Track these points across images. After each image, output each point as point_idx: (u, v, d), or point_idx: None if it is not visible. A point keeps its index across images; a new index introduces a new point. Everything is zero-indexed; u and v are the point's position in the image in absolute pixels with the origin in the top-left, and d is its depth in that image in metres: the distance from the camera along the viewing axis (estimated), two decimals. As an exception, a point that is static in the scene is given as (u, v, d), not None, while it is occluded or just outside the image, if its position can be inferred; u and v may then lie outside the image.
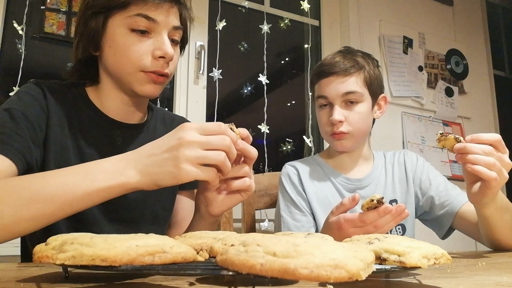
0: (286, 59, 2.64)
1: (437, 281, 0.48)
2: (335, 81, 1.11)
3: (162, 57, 0.80)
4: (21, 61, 1.69)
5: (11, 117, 0.75)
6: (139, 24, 0.79)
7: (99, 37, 0.81)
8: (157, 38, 0.80)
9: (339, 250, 0.33)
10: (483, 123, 2.90)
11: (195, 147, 0.61)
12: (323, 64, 1.15)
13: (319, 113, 1.16)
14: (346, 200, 0.82)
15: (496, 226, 0.90)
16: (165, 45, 0.80)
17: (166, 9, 0.81)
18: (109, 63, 0.82)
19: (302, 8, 2.45)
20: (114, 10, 0.79)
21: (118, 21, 0.80)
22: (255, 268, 0.32)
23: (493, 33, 3.19)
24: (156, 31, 0.80)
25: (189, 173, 0.60)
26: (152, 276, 0.47)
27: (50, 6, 1.81)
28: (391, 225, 0.75)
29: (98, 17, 0.80)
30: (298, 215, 1.11)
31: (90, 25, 0.81)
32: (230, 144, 0.63)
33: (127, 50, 0.79)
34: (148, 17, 0.79)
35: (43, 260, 0.39)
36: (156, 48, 0.79)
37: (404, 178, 1.21)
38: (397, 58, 2.57)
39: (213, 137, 0.62)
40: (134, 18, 0.78)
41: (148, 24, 0.79)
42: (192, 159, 0.60)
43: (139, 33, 0.79)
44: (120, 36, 0.79)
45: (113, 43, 0.80)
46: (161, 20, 0.80)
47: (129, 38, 0.79)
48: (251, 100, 2.31)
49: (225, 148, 0.63)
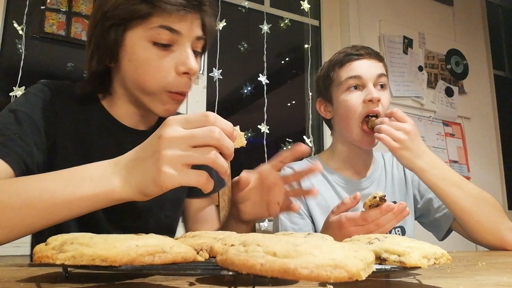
0: (286, 59, 2.64)
1: (437, 281, 0.48)
2: (368, 63, 1.12)
3: (186, 73, 0.75)
4: (21, 61, 1.69)
5: (16, 120, 0.72)
6: (162, 37, 0.73)
7: (117, 49, 0.76)
8: (180, 51, 0.75)
9: (339, 250, 0.33)
10: (483, 123, 2.91)
11: (177, 145, 0.52)
12: (353, 48, 1.15)
13: (347, 96, 1.11)
14: (347, 199, 0.82)
15: (449, 199, 0.98)
16: (189, 59, 0.74)
17: (190, 21, 0.75)
18: (130, 78, 0.77)
19: (302, 8, 2.45)
20: (134, 21, 0.73)
21: (139, 33, 0.74)
22: (255, 268, 0.32)
23: (493, 33, 3.19)
24: (179, 44, 0.75)
25: (171, 178, 0.51)
26: (152, 276, 0.47)
27: (50, 6, 1.81)
28: (392, 223, 0.75)
29: (117, 28, 0.74)
30: (296, 217, 1.10)
31: (109, 37, 0.75)
32: (221, 136, 0.52)
33: (150, 66, 0.74)
34: (172, 29, 0.73)
35: (43, 260, 0.39)
36: (179, 63, 0.74)
37: (403, 180, 1.21)
38: (397, 58, 2.57)
39: (198, 130, 0.52)
40: (157, 30, 0.73)
41: (171, 36, 0.73)
42: (174, 160, 0.51)
43: (161, 47, 0.74)
44: (141, 50, 0.74)
45: (132, 57, 0.75)
46: (185, 32, 0.74)
47: (151, 52, 0.74)
48: (251, 100, 2.31)
49: (213, 142, 0.52)
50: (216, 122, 0.53)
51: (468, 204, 0.97)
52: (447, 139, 2.67)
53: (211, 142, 0.52)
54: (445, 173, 1.00)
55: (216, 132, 0.52)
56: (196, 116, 0.53)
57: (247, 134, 2.24)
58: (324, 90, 1.18)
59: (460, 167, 2.67)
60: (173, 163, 0.51)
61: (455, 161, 2.67)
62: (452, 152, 2.67)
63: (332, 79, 1.15)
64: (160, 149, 0.52)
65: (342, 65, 1.14)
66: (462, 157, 2.71)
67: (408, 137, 1.00)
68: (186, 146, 0.52)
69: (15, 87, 1.67)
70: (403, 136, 0.99)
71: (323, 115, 1.22)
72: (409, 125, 1.01)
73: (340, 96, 1.13)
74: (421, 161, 1.00)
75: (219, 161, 0.53)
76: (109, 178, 0.56)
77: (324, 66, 1.20)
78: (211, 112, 0.54)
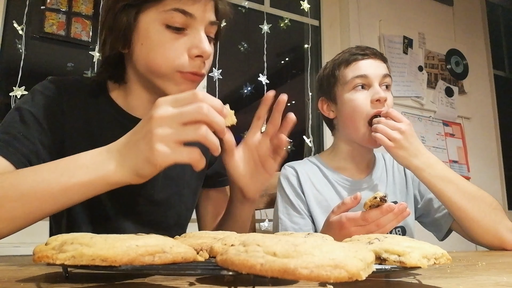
0: (286, 59, 2.64)
1: (437, 281, 0.48)
2: (374, 63, 1.13)
3: (199, 56, 0.74)
4: (21, 61, 1.69)
5: (21, 119, 0.72)
6: (176, 20, 0.72)
7: (130, 33, 0.74)
8: (194, 35, 0.74)
9: (339, 250, 0.33)
10: (483, 123, 2.91)
11: (168, 123, 0.53)
12: (358, 48, 1.16)
13: (353, 95, 1.10)
14: (347, 199, 0.82)
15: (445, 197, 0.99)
16: (202, 42, 0.73)
17: (204, 4, 0.74)
18: (142, 62, 0.76)
19: (302, 8, 2.45)
20: (148, 3, 0.72)
21: (152, 16, 0.73)
22: (255, 268, 0.32)
23: (493, 33, 3.19)
24: (193, 27, 0.74)
25: (164, 155, 0.53)
26: (152, 276, 0.47)
27: (50, 6, 1.82)
28: (393, 224, 0.75)
29: (130, 10, 0.73)
30: (296, 217, 1.10)
31: (121, 19, 0.73)
32: (209, 112, 0.53)
33: (162, 48, 0.73)
34: (185, 12, 0.72)
35: (43, 260, 0.39)
36: (193, 46, 0.73)
37: (404, 180, 1.21)
38: (397, 58, 2.57)
39: (187, 107, 0.53)
40: (170, 13, 0.72)
41: (184, 19, 0.72)
42: (166, 138, 0.53)
43: (175, 30, 0.73)
44: (155, 33, 0.73)
45: (146, 41, 0.74)
46: (198, 14, 0.73)
47: (164, 35, 0.73)
48: (251, 100, 2.31)
49: (203, 117, 0.53)
50: (205, 99, 0.54)
51: (465, 202, 0.97)
52: (447, 139, 2.68)
53: (200, 118, 0.53)
54: (441, 172, 1.00)
55: (205, 107, 0.53)
56: (185, 94, 0.55)
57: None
58: (328, 89, 1.18)
59: (460, 167, 2.67)
60: (165, 141, 0.53)
61: (455, 161, 2.67)
62: (452, 152, 2.67)
63: (337, 78, 1.15)
64: (151, 128, 0.53)
65: (348, 64, 1.13)
66: (462, 157, 2.71)
67: (403, 137, 1.01)
68: (176, 124, 0.53)
69: (15, 87, 1.67)
70: (398, 136, 1.01)
71: (325, 114, 1.21)
72: (405, 125, 1.02)
73: (346, 95, 1.12)
74: (417, 160, 1.00)
75: (210, 137, 0.54)
76: (103, 163, 0.57)
77: (328, 65, 1.19)
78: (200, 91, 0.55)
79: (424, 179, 1.01)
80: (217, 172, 0.99)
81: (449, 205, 1.00)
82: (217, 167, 0.99)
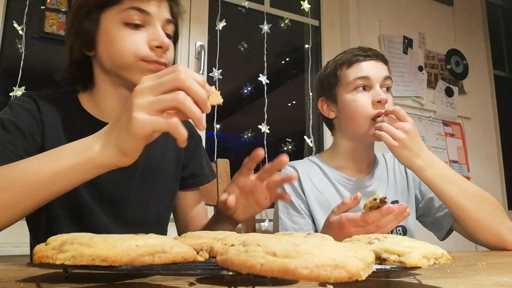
0: (286, 59, 2.64)
1: (437, 281, 0.48)
2: (376, 64, 1.14)
3: (159, 47, 0.79)
4: (21, 61, 1.69)
5: (3, 127, 0.75)
6: (133, 17, 0.78)
7: (94, 35, 0.80)
8: (151, 30, 0.79)
9: (339, 250, 0.33)
10: (483, 123, 2.91)
11: (147, 93, 0.54)
12: (360, 49, 1.16)
13: (355, 96, 1.11)
14: (347, 200, 0.82)
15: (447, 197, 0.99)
16: (160, 35, 0.79)
17: (158, 3, 0.81)
18: (106, 59, 0.81)
19: (302, 8, 2.45)
20: (106, 6, 0.79)
21: (111, 17, 0.79)
22: (255, 268, 0.32)
23: (493, 33, 3.19)
24: (150, 23, 0.80)
25: (142, 122, 0.53)
26: (152, 276, 0.47)
27: (50, 6, 1.81)
28: (393, 224, 0.76)
29: (92, 14, 0.80)
30: (297, 217, 1.10)
31: (84, 24, 0.80)
32: (187, 79, 0.54)
33: (123, 42, 0.78)
34: (141, 10, 0.78)
35: (43, 260, 0.39)
36: (151, 38, 0.78)
37: (405, 180, 1.21)
38: (397, 58, 2.57)
39: (166, 77, 0.55)
40: (128, 11, 0.78)
41: (141, 17, 0.78)
42: (144, 105, 0.53)
43: (133, 27, 0.78)
44: (114, 31, 0.79)
45: (107, 39, 0.79)
46: (153, 12, 0.79)
47: (123, 31, 0.78)
48: (251, 100, 2.31)
49: (179, 84, 0.53)
50: (185, 70, 0.55)
51: (466, 202, 0.98)
52: (447, 139, 2.68)
53: (177, 84, 0.54)
54: (443, 172, 1.00)
55: (182, 74, 0.54)
56: (167, 69, 0.57)
57: (247, 134, 2.24)
58: (329, 89, 1.17)
59: (460, 167, 2.67)
60: (144, 109, 0.53)
61: (455, 161, 2.67)
62: (452, 152, 2.67)
63: (338, 78, 1.15)
64: (131, 101, 0.54)
65: (350, 65, 1.13)
66: (462, 157, 2.71)
67: (407, 136, 1.01)
68: (156, 93, 0.54)
69: (15, 87, 1.67)
70: (402, 135, 1.00)
71: (325, 114, 1.21)
72: (409, 124, 1.02)
73: (347, 95, 1.13)
74: (419, 160, 1.00)
75: (188, 103, 0.53)
76: (90, 146, 0.58)
77: (329, 65, 1.19)
78: (182, 65, 0.57)
79: (426, 179, 1.01)
80: (192, 173, 1.02)
81: (451, 204, 1.00)
82: (193, 168, 1.02)
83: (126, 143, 0.55)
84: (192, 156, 1.02)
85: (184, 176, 1.01)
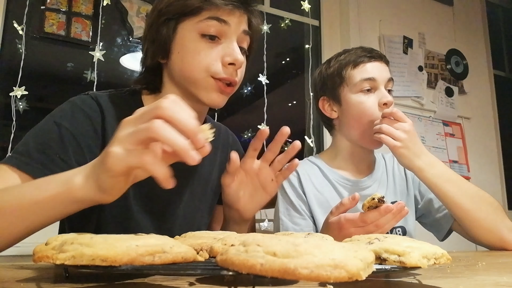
0: (287, 59, 2.64)
1: (437, 281, 0.48)
2: (380, 66, 1.14)
3: (232, 64, 0.78)
4: (21, 61, 1.69)
5: (60, 137, 0.72)
6: (210, 28, 0.77)
7: (169, 44, 0.79)
8: (227, 44, 0.78)
9: (339, 250, 0.33)
10: (483, 123, 2.91)
11: (130, 124, 0.48)
12: (364, 49, 1.15)
13: (361, 98, 1.10)
14: (346, 200, 0.82)
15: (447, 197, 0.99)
16: (235, 51, 0.78)
17: (238, 15, 0.79)
18: (177, 69, 0.80)
19: (302, 8, 2.45)
20: (186, 15, 0.78)
21: (189, 26, 0.78)
22: (255, 268, 0.32)
23: (493, 33, 3.19)
24: (226, 37, 0.78)
25: (115, 156, 0.47)
26: (152, 276, 0.47)
27: (50, 6, 1.81)
28: (392, 223, 0.76)
29: (170, 23, 0.79)
30: (298, 218, 1.10)
31: (162, 31, 0.79)
32: (162, 130, 0.45)
33: (197, 55, 0.77)
34: (220, 20, 0.77)
35: (43, 260, 0.39)
36: (226, 54, 0.77)
37: (404, 181, 1.21)
38: (397, 58, 2.57)
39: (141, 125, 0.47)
40: (206, 21, 0.76)
41: (219, 27, 0.77)
42: (122, 138, 0.48)
43: (209, 39, 0.77)
44: (190, 41, 0.77)
45: (182, 49, 0.78)
46: (232, 23, 0.78)
47: (199, 44, 0.77)
48: (251, 100, 2.31)
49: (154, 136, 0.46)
50: (165, 113, 0.47)
51: (466, 202, 0.98)
52: (447, 139, 2.67)
53: (152, 136, 0.46)
54: (443, 172, 1.00)
55: (156, 125, 0.46)
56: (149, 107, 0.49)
57: (247, 134, 2.24)
58: (332, 88, 1.16)
59: (460, 167, 2.67)
60: (121, 142, 0.48)
61: (455, 161, 2.67)
62: (452, 152, 2.67)
63: (343, 79, 1.13)
64: (115, 136, 0.49)
65: (355, 65, 1.13)
66: (462, 157, 2.71)
67: (408, 136, 1.01)
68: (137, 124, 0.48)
69: (15, 87, 1.67)
70: (403, 135, 1.00)
71: (327, 114, 1.19)
72: (408, 125, 1.02)
73: (353, 96, 1.12)
74: (419, 160, 1.00)
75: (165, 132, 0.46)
76: (72, 177, 0.53)
77: (332, 64, 1.17)
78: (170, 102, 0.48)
79: (426, 180, 1.01)
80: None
81: (451, 205, 1.00)
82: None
83: (102, 179, 0.50)
84: None
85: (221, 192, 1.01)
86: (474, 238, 1.01)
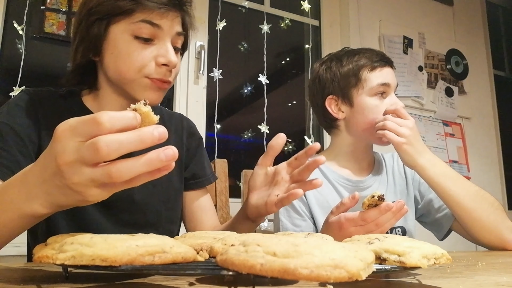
0: (286, 59, 2.64)
1: (437, 281, 0.48)
2: (392, 72, 1.16)
3: (165, 65, 0.78)
4: (21, 61, 1.69)
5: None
6: (143, 31, 0.77)
7: (101, 42, 0.79)
8: (160, 45, 0.79)
9: (339, 250, 0.33)
10: (483, 123, 2.91)
11: (78, 167, 0.42)
12: (377, 53, 1.15)
13: (377, 101, 1.11)
14: (346, 199, 0.81)
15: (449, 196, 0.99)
16: (168, 52, 0.78)
17: (171, 18, 0.79)
18: (111, 69, 0.81)
19: (302, 8, 2.45)
20: (118, 16, 0.77)
21: (121, 28, 0.78)
22: (255, 268, 0.32)
23: (493, 33, 3.19)
24: (160, 38, 0.79)
25: (97, 197, 0.44)
26: (152, 276, 0.47)
27: (50, 6, 1.81)
28: (392, 222, 0.75)
29: (101, 23, 0.78)
30: (298, 219, 1.09)
31: (92, 30, 0.79)
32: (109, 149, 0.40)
33: (130, 57, 0.77)
34: (153, 23, 0.77)
35: (43, 260, 0.39)
36: (159, 55, 0.78)
37: (404, 180, 1.21)
38: (397, 58, 2.57)
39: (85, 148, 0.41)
40: (139, 24, 0.77)
41: (152, 30, 0.77)
42: (86, 183, 0.42)
43: (142, 41, 0.78)
44: (123, 43, 0.78)
45: (115, 50, 0.78)
46: (165, 27, 0.78)
47: (132, 45, 0.77)
48: (251, 100, 2.31)
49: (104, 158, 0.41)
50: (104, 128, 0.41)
51: (467, 201, 0.98)
52: (447, 139, 2.67)
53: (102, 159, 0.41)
54: (444, 171, 1.01)
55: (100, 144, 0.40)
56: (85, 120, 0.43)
57: (247, 134, 2.24)
58: (344, 88, 1.13)
59: (460, 167, 2.67)
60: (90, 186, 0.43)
61: (455, 161, 2.67)
62: (452, 152, 2.67)
63: (360, 80, 1.12)
64: (63, 176, 0.43)
65: (373, 69, 1.12)
66: (462, 157, 2.71)
67: (412, 133, 1.02)
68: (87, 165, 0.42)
69: (15, 87, 1.67)
70: (407, 132, 1.02)
71: (334, 114, 1.16)
72: (412, 122, 1.04)
73: (368, 99, 1.11)
74: (422, 158, 1.01)
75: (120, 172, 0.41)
76: (27, 201, 0.48)
77: (346, 65, 1.14)
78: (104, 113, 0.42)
79: (428, 178, 1.01)
80: (194, 174, 1.01)
81: (452, 204, 1.00)
82: (194, 169, 1.01)
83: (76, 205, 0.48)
84: (193, 156, 1.02)
85: (186, 177, 1.00)
86: (474, 237, 1.01)
